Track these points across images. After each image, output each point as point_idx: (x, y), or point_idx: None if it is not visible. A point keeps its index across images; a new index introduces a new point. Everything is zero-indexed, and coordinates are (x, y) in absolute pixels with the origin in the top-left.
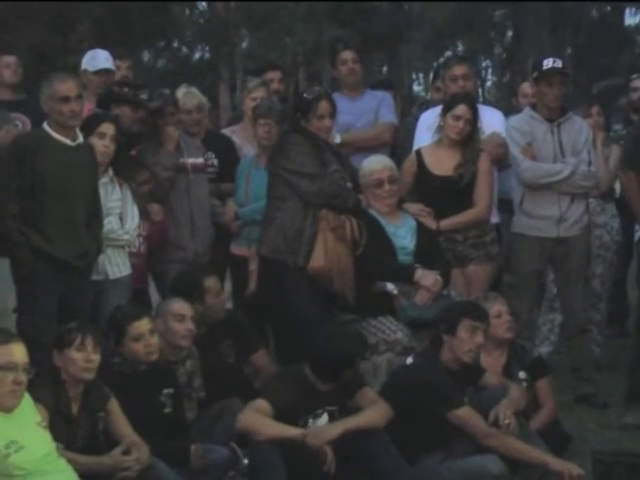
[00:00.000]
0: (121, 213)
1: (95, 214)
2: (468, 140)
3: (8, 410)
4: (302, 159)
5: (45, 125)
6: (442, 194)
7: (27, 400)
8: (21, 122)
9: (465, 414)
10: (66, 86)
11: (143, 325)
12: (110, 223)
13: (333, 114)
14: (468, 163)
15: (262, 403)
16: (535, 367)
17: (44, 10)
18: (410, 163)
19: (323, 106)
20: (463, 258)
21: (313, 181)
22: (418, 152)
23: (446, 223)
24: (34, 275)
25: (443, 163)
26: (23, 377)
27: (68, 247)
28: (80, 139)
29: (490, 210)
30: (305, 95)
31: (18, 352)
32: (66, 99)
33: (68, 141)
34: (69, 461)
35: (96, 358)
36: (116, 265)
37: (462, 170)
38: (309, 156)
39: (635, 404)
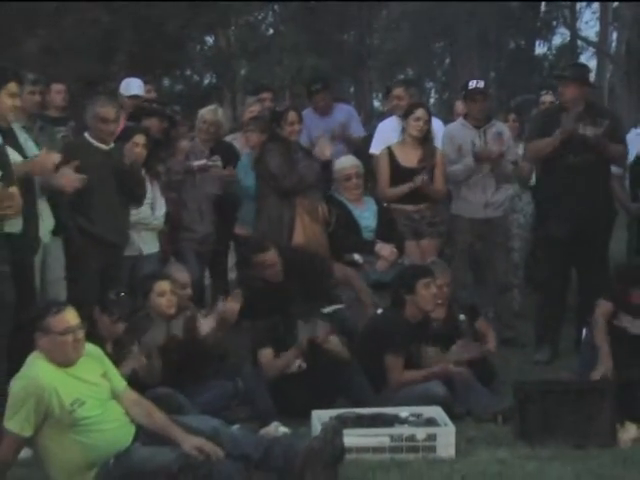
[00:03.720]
0: (152, 203)
1: (125, 202)
2: (426, 138)
3: (73, 363)
4: (274, 162)
5: (86, 134)
6: (409, 181)
7: (88, 356)
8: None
9: (390, 362)
10: (106, 110)
11: (165, 285)
12: (144, 211)
13: (300, 121)
14: (428, 157)
15: (266, 352)
16: (471, 311)
17: (88, 45)
18: (384, 158)
19: (291, 115)
20: (419, 233)
21: (283, 179)
22: (389, 149)
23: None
24: (81, 250)
25: (409, 157)
26: (80, 335)
27: (108, 228)
28: (112, 144)
29: (445, 191)
30: (277, 108)
31: (71, 317)
32: (105, 120)
33: (103, 146)
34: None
35: (121, 325)
36: (148, 243)
37: (424, 163)
38: (280, 159)
39: (541, 345)
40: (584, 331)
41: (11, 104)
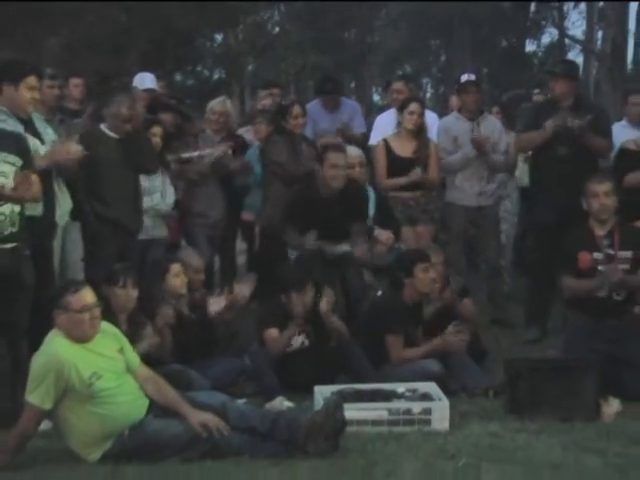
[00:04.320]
0: (162, 191)
1: (137, 189)
2: (420, 130)
3: (89, 339)
4: (279, 153)
5: (102, 126)
6: (406, 170)
7: (103, 333)
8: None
9: (391, 341)
10: (127, 110)
11: (178, 267)
12: (156, 198)
13: (304, 115)
14: (422, 147)
15: (271, 331)
16: (462, 293)
17: (105, 42)
18: (381, 148)
19: (296, 109)
20: (414, 220)
21: (288, 168)
22: (385, 140)
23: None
24: (97, 234)
25: (404, 148)
26: (96, 312)
27: (122, 213)
28: (125, 134)
29: (438, 180)
30: (283, 102)
31: (88, 296)
32: (126, 120)
33: (117, 136)
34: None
35: (134, 293)
36: (158, 228)
37: (419, 153)
38: (284, 150)
39: (531, 325)
40: None
41: (30, 97)
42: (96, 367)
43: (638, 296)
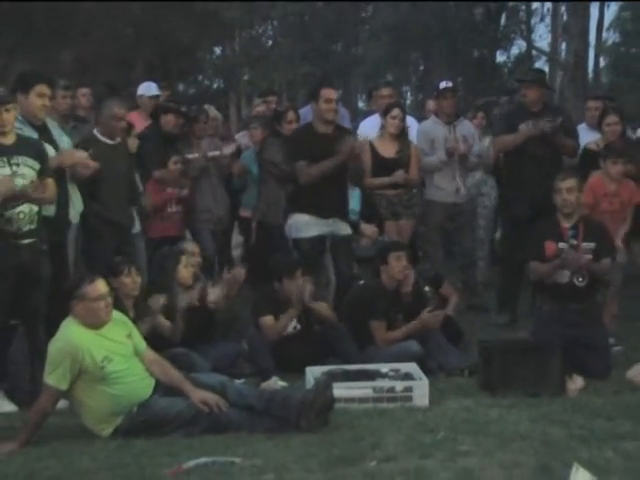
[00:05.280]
0: None
1: (134, 189)
2: (401, 133)
3: (104, 324)
4: (274, 154)
5: (95, 131)
6: (389, 169)
7: (113, 320)
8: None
9: (375, 326)
10: (121, 110)
11: (185, 259)
12: None
13: (297, 120)
14: (404, 149)
15: (267, 318)
16: (434, 280)
17: (113, 55)
18: (366, 150)
19: (290, 115)
20: (397, 214)
21: (281, 168)
22: (370, 142)
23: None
24: (96, 232)
25: (388, 149)
26: (110, 300)
27: (117, 212)
28: (118, 139)
29: (418, 179)
30: (278, 109)
31: (102, 285)
32: (120, 118)
33: (110, 142)
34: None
35: (138, 280)
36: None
37: (401, 154)
38: (279, 152)
39: (503, 310)
40: None
41: (40, 103)
42: (107, 351)
43: (599, 284)
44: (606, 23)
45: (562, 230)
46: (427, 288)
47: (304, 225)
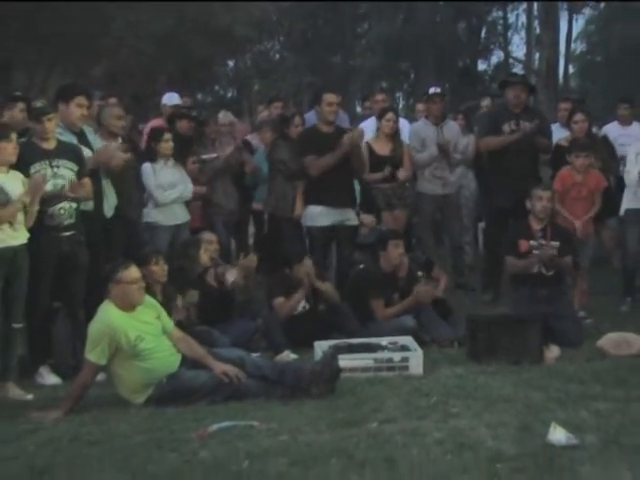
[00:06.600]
0: (183, 183)
1: (136, 187)
2: (395, 134)
3: (138, 306)
4: (283, 154)
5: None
6: (384, 166)
7: (144, 304)
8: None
9: (375, 304)
10: (120, 110)
11: (205, 245)
12: (182, 189)
13: (303, 123)
14: (397, 148)
15: (279, 299)
16: (426, 265)
17: (139, 69)
18: (364, 149)
19: (297, 119)
20: (392, 205)
21: (288, 166)
22: (367, 143)
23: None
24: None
25: (383, 148)
26: (142, 284)
27: (127, 207)
28: (119, 141)
29: (411, 174)
30: (286, 114)
31: (135, 271)
32: (120, 117)
33: (114, 143)
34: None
35: (165, 268)
36: (184, 214)
37: (395, 152)
38: (287, 152)
39: (487, 289)
40: None
41: (79, 113)
42: (139, 331)
43: (563, 275)
44: (574, 35)
45: (533, 231)
46: (420, 273)
47: (317, 215)
